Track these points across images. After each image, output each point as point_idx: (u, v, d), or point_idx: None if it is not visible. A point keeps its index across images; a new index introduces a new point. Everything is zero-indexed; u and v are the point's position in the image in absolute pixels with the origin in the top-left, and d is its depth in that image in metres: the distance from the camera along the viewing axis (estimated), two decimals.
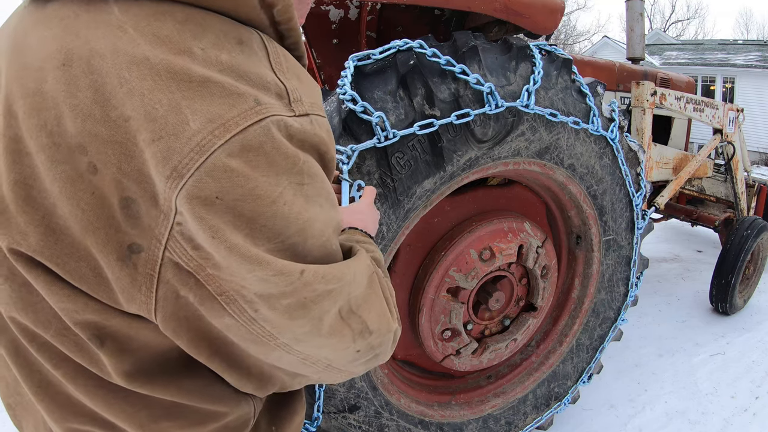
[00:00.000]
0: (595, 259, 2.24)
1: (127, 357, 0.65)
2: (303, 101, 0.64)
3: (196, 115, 0.55)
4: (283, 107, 0.61)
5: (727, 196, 4.27)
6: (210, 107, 0.56)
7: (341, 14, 2.50)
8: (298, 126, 0.61)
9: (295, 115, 0.61)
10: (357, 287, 0.69)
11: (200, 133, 0.55)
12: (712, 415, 2.79)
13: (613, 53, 17.82)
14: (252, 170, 0.56)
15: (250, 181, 0.56)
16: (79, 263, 0.59)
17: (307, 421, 1.65)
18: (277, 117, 0.59)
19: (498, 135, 1.68)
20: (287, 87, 0.63)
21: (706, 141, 3.87)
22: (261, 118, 0.57)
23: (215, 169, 0.55)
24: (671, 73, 3.98)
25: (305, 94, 0.65)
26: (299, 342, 0.64)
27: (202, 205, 0.55)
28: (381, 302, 0.74)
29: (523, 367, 2.32)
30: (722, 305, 3.85)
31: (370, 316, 0.71)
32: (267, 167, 0.57)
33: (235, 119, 0.56)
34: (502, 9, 1.90)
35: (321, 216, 0.64)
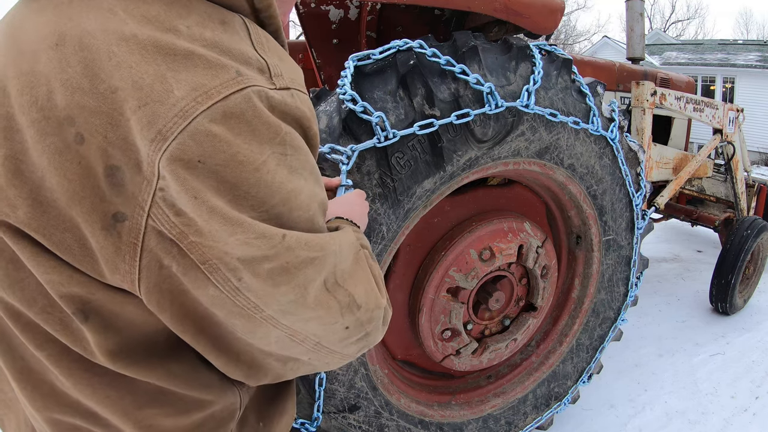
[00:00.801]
0: (595, 259, 2.24)
1: (111, 335, 0.66)
2: (284, 76, 0.66)
3: (180, 84, 0.58)
4: (265, 80, 0.63)
5: (727, 196, 4.27)
6: (194, 77, 0.58)
7: (341, 14, 2.50)
8: (279, 98, 0.63)
9: (276, 87, 0.64)
10: (343, 260, 0.69)
11: (184, 100, 0.57)
12: (712, 415, 2.79)
13: (613, 53, 17.82)
14: (234, 136, 0.58)
15: (233, 146, 0.58)
16: (65, 234, 0.61)
17: (306, 421, 1.65)
18: (258, 87, 0.61)
19: (498, 135, 1.68)
20: (268, 63, 0.65)
21: (706, 141, 3.87)
22: (242, 87, 0.60)
23: (197, 133, 0.57)
24: (671, 73, 3.98)
25: (286, 71, 0.68)
26: (285, 314, 0.64)
27: (185, 168, 0.56)
28: (368, 278, 0.74)
29: (523, 367, 2.32)
30: (722, 305, 3.85)
31: (357, 289, 0.70)
32: (249, 134, 0.59)
33: (218, 88, 0.59)
34: (502, 9, 1.90)
35: (306, 188, 0.65)
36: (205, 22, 0.64)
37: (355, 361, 1.67)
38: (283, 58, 0.70)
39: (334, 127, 1.47)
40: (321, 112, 1.53)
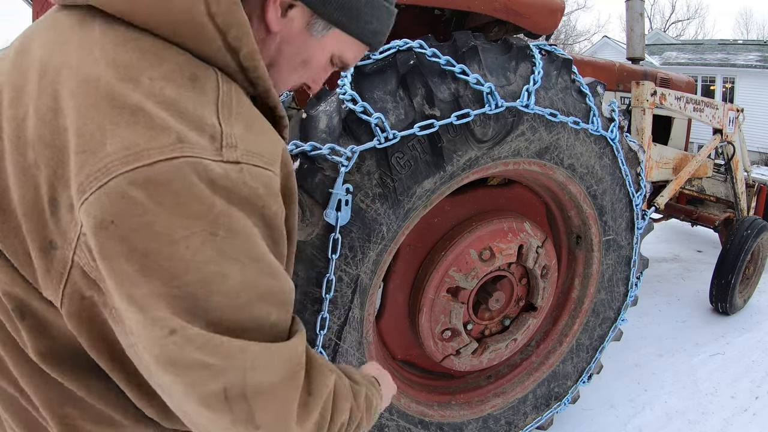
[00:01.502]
0: (595, 259, 2.24)
1: (43, 338, 0.68)
2: (238, 148, 0.62)
3: (115, 139, 0.57)
4: (212, 150, 0.60)
5: (727, 196, 4.27)
6: (131, 135, 0.57)
7: None
8: (221, 172, 0.59)
9: (222, 160, 0.60)
10: (260, 375, 0.62)
11: (111, 156, 0.56)
12: (712, 415, 2.79)
13: (613, 53, 17.81)
14: (154, 205, 0.56)
15: (150, 215, 0.56)
16: (15, 240, 0.64)
17: None
18: (197, 159, 0.58)
19: (498, 135, 1.68)
20: (224, 131, 0.62)
21: (706, 141, 3.87)
22: (177, 156, 0.57)
23: (113, 193, 0.56)
24: (671, 73, 3.98)
25: (246, 143, 0.63)
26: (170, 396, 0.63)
27: (98, 225, 0.56)
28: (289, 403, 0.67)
29: (523, 367, 2.32)
30: (722, 305, 3.85)
31: (264, 411, 0.63)
32: (172, 206, 0.57)
33: (149, 151, 0.57)
34: (502, 9, 1.90)
35: (239, 276, 0.60)
36: (173, 76, 0.62)
37: (355, 361, 1.67)
38: (252, 127, 0.67)
39: (334, 127, 1.47)
40: (321, 112, 1.53)
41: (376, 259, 1.59)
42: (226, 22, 0.65)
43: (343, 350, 1.62)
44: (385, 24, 0.87)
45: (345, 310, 1.58)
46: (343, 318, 1.58)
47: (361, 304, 1.62)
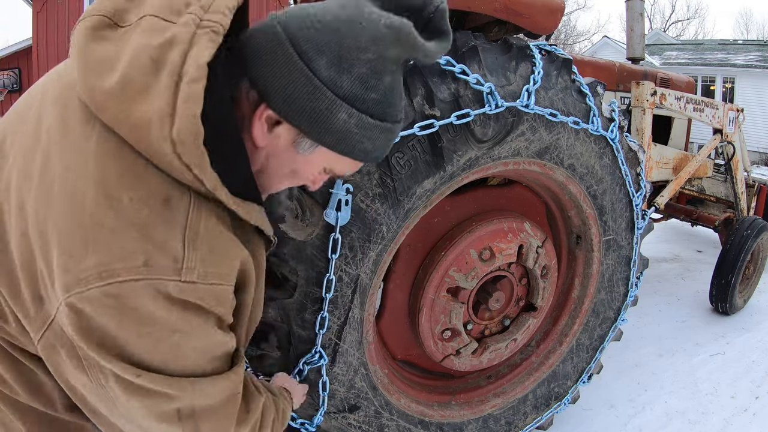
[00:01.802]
0: (595, 259, 2.24)
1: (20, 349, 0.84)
2: (195, 270, 0.74)
3: (94, 255, 0.69)
4: (173, 272, 0.72)
5: (727, 196, 4.27)
6: (107, 254, 0.69)
7: None
8: (178, 290, 0.72)
9: (180, 280, 0.72)
10: (205, 400, 0.81)
11: (90, 270, 0.69)
12: (712, 415, 2.79)
13: (613, 53, 17.80)
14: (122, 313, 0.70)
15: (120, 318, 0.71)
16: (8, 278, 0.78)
17: (306, 422, 1.65)
18: (158, 280, 0.71)
19: (498, 135, 1.68)
20: (186, 256, 0.73)
21: (706, 141, 3.87)
22: (141, 278, 0.70)
23: (92, 299, 0.69)
24: (671, 73, 3.98)
25: (205, 265, 0.75)
26: (132, 418, 0.79)
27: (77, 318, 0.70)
28: (227, 418, 0.87)
29: (523, 367, 2.32)
30: (722, 305, 3.85)
31: (206, 424, 0.83)
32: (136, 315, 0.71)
33: (119, 270, 0.69)
34: (502, 9, 1.90)
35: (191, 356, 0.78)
36: (149, 198, 0.72)
37: (355, 361, 1.67)
38: (215, 249, 0.77)
39: None
40: None
41: (376, 259, 1.59)
42: (191, 161, 0.71)
43: (343, 350, 1.62)
44: (379, 143, 0.86)
45: (345, 310, 1.58)
46: (343, 318, 1.58)
47: (361, 304, 1.62)
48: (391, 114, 0.84)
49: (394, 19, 0.75)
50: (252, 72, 0.79)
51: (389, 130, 0.86)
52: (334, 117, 0.78)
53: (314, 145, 0.83)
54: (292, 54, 0.76)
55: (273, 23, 0.79)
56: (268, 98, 0.79)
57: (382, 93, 0.81)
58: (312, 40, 0.76)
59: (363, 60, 0.77)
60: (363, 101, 0.79)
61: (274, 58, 0.77)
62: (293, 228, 1.46)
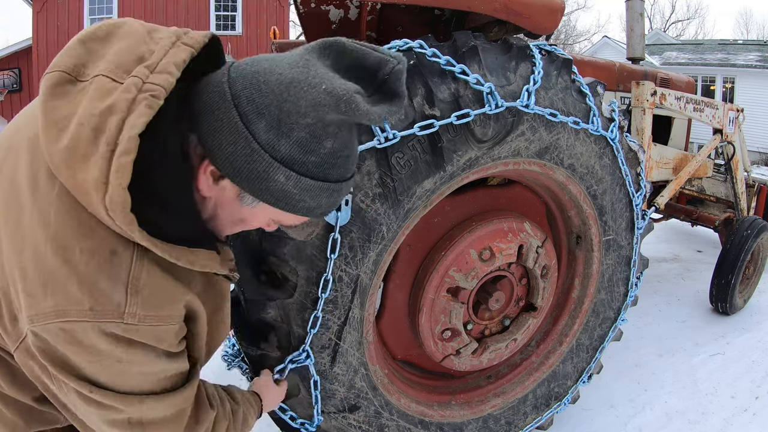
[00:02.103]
0: (595, 259, 2.24)
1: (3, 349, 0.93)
2: (137, 315, 0.83)
3: (52, 297, 0.79)
4: (116, 316, 0.81)
5: (727, 196, 4.26)
6: (62, 298, 0.79)
7: (341, 14, 2.50)
8: (121, 330, 0.82)
9: (123, 323, 0.82)
10: (153, 413, 0.91)
11: (47, 309, 0.80)
12: (712, 415, 2.79)
13: (613, 53, 17.80)
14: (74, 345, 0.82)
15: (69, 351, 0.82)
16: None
17: (306, 422, 1.65)
18: (101, 323, 0.80)
19: (498, 135, 1.68)
20: (128, 303, 0.82)
21: (706, 141, 3.86)
22: (88, 320, 0.80)
23: (50, 332, 0.81)
24: (671, 73, 3.98)
25: (146, 309, 0.83)
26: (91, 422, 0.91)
27: (40, 345, 0.83)
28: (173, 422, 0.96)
29: (523, 367, 2.32)
30: (722, 305, 3.85)
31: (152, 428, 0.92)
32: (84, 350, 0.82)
33: (70, 312, 0.79)
34: (502, 9, 1.90)
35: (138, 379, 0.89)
36: (98, 250, 0.80)
37: (355, 361, 1.67)
38: (155, 294, 0.85)
39: None
40: None
41: (376, 259, 1.59)
42: (122, 224, 0.78)
43: (343, 350, 1.62)
44: (324, 201, 0.87)
45: (345, 310, 1.58)
46: (343, 318, 1.58)
47: (361, 304, 1.62)
48: (334, 174, 0.85)
49: (336, 84, 0.76)
50: (198, 127, 0.83)
51: (333, 189, 0.87)
52: (271, 178, 0.81)
53: (256, 200, 0.87)
54: (233, 115, 0.79)
55: (223, 79, 0.82)
56: (211, 155, 0.82)
57: (323, 156, 0.82)
58: (253, 102, 0.78)
59: (302, 124, 0.78)
60: (302, 164, 0.81)
61: (218, 117, 0.80)
62: (293, 228, 1.46)
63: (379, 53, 0.83)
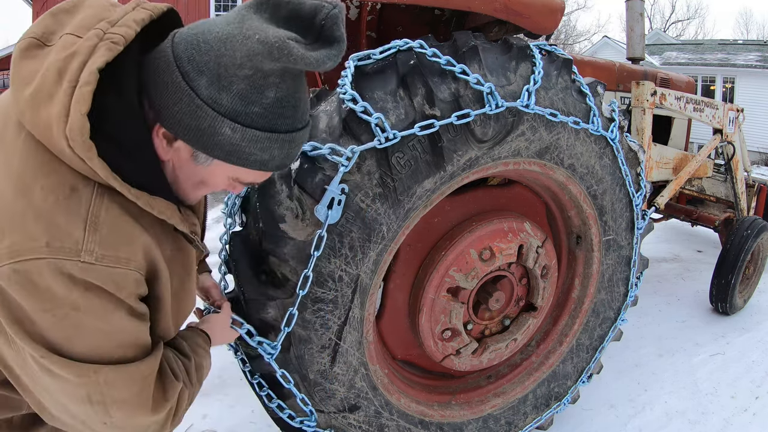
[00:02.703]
0: (595, 259, 2.24)
1: None
2: (94, 253, 0.82)
3: (9, 236, 0.79)
4: (73, 254, 0.80)
5: (727, 196, 4.27)
6: (18, 236, 0.79)
7: None
8: (78, 270, 0.80)
9: (80, 261, 0.80)
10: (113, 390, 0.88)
11: (3, 250, 0.79)
12: (712, 415, 2.79)
13: (613, 53, 17.80)
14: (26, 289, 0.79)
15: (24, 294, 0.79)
16: None
17: (306, 419, 1.65)
18: (57, 260, 0.79)
19: (498, 135, 1.68)
20: (86, 239, 0.81)
21: (706, 141, 3.86)
22: (43, 257, 0.79)
23: (2, 276, 0.79)
24: (671, 73, 3.98)
25: (103, 248, 0.83)
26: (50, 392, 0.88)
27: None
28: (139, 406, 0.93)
29: (523, 367, 2.32)
30: (722, 305, 3.85)
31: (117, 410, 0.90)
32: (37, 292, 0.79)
33: (24, 250, 0.79)
34: (502, 9, 1.90)
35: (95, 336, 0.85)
36: (58, 187, 0.82)
37: (355, 361, 1.67)
38: (113, 233, 0.84)
39: (335, 127, 1.47)
40: (321, 112, 1.53)
41: (376, 259, 1.59)
42: (81, 153, 0.80)
43: (343, 350, 1.62)
44: (276, 152, 0.90)
45: (345, 310, 1.58)
46: (343, 318, 1.58)
47: (361, 304, 1.62)
48: (281, 125, 0.87)
49: (269, 33, 0.79)
50: (149, 93, 0.87)
51: (284, 140, 0.89)
52: (218, 132, 0.84)
53: (209, 158, 0.89)
54: (177, 75, 0.83)
55: (167, 44, 0.86)
56: (160, 117, 0.86)
57: (266, 106, 0.84)
58: (194, 60, 0.82)
59: (241, 76, 0.81)
60: (246, 115, 0.83)
61: (164, 79, 0.84)
62: (293, 228, 1.46)
63: (313, 1, 0.84)
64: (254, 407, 2.53)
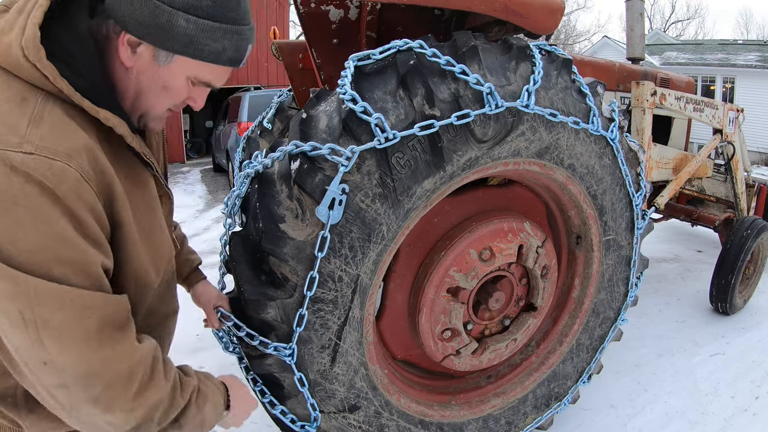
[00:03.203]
0: (595, 259, 2.24)
1: None
2: (34, 143, 0.86)
3: None
4: (15, 145, 0.85)
5: (727, 196, 4.27)
6: None
7: (341, 14, 2.50)
8: (19, 160, 0.84)
9: (21, 151, 0.84)
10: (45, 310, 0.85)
11: None
12: (712, 415, 2.79)
13: (613, 53, 17.80)
14: None
15: None
16: None
17: (306, 423, 1.65)
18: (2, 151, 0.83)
19: (498, 135, 1.68)
20: (28, 133, 0.87)
21: (706, 141, 3.86)
22: None
23: None
24: (671, 73, 3.98)
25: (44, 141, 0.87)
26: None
27: None
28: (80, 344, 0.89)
29: (523, 367, 2.32)
30: (722, 305, 3.85)
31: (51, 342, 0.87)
32: None
33: None
34: (502, 9, 1.90)
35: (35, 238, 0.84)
36: (12, 97, 0.89)
37: (355, 361, 1.67)
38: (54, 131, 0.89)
39: (334, 127, 1.47)
40: (321, 112, 1.53)
41: (376, 259, 1.59)
42: (34, 59, 0.88)
43: (343, 350, 1.62)
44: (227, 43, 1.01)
45: (345, 310, 1.58)
46: (343, 318, 1.58)
47: (361, 304, 1.62)
48: (230, 16, 0.99)
49: None
50: (111, 10, 0.97)
51: (234, 32, 1.00)
52: (174, 26, 0.95)
53: (169, 54, 0.99)
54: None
55: None
56: (124, 25, 0.96)
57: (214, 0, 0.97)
58: None
59: None
60: (198, 8, 0.95)
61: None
62: (293, 228, 1.46)
63: None
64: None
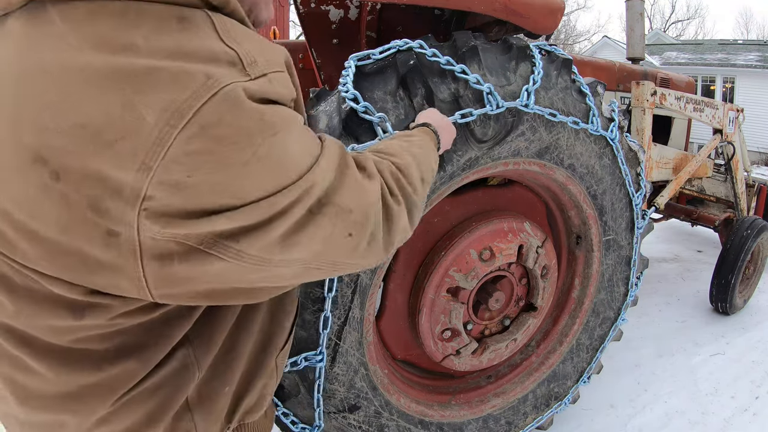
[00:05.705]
0: (595, 259, 2.24)
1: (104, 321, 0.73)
2: (258, 62, 0.65)
3: (149, 109, 0.57)
4: (238, 73, 0.62)
5: (727, 196, 4.27)
6: (162, 96, 0.57)
7: (341, 14, 2.50)
8: (257, 88, 0.64)
9: (251, 78, 0.64)
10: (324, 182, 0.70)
11: (158, 126, 0.57)
12: (712, 415, 2.79)
13: (613, 53, 17.80)
14: (216, 144, 0.59)
15: (216, 154, 0.59)
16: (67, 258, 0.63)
17: (307, 427, 1.64)
18: (232, 85, 0.61)
19: (498, 135, 1.68)
20: (239, 52, 0.64)
21: (706, 141, 3.86)
22: (214, 92, 0.59)
23: (178, 156, 0.57)
24: (671, 73, 3.98)
25: (260, 54, 0.67)
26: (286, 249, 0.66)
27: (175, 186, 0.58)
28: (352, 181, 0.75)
29: (523, 367, 2.32)
30: (722, 305, 3.85)
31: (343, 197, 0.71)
32: (232, 136, 0.60)
33: (188, 101, 0.58)
34: (502, 9, 1.90)
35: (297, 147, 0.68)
36: (162, 26, 0.62)
37: (355, 361, 1.67)
38: (253, 39, 0.69)
39: (334, 127, 1.47)
40: (321, 112, 1.53)
41: None
42: None
43: (343, 350, 1.62)
44: None
45: (345, 310, 1.58)
46: (343, 318, 1.58)
47: (361, 304, 1.62)
48: None
49: None
50: None
51: None
52: None
53: None
54: None
55: None
56: None
57: None
58: None
59: None
60: None
61: None
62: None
63: None
64: None
